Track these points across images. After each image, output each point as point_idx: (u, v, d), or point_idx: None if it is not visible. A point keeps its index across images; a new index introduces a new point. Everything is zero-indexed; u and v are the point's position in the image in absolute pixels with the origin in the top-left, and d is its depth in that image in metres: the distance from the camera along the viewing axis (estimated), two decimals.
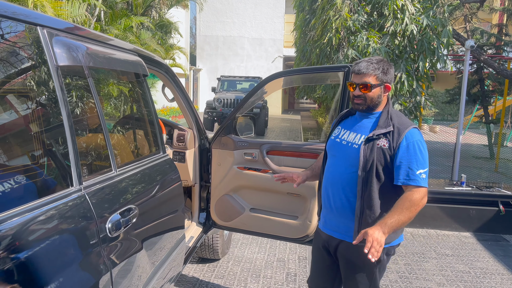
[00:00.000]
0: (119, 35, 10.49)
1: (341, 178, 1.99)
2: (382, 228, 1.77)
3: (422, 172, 1.85)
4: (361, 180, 1.90)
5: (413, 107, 6.34)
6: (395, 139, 1.87)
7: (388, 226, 1.78)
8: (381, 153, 1.88)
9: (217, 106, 13.62)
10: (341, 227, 2.02)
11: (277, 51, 24.34)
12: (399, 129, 1.89)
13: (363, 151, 1.89)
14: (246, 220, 3.12)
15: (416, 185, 1.84)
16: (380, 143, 1.89)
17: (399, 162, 1.86)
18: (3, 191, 1.19)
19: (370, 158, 1.88)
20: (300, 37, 11.85)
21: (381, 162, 1.88)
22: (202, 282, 3.48)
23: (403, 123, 1.91)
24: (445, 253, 4.31)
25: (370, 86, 1.91)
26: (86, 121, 1.72)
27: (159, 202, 2.14)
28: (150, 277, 1.93)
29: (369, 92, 1.92)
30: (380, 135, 1.90)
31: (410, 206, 1.81)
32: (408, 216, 1.81)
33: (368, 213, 1.90)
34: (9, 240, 1.13)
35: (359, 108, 1.98)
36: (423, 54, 6.14)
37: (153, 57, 2.63)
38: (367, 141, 1.91)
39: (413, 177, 1.84)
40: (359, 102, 1.96)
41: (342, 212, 2.00)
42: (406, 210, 1.80)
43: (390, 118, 1.93)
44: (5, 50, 1.30)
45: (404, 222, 1.82)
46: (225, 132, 3.19)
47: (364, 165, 1.89)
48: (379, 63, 1.94)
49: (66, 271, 1.30)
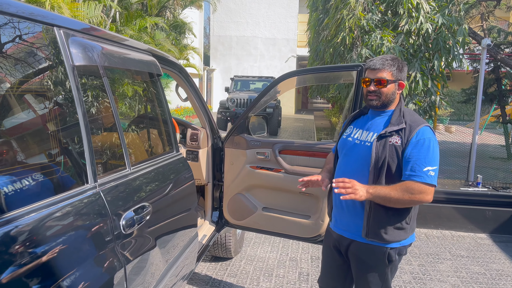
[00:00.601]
0: (134, 36, 10.61)
1: (353, 176, 1.97)
2: (369, 189, 1.82)
3: (430, 169, 1.83)
4: (372, 177, 1.90)
5: (427, 107, 6.27)
6: (407, 136, 1.87)
7: (374, 191, 1.82)
8: (393, 150, 1.88)
9: (231, 106, 13.66)
10: (352, 226, 2.02)
11: (291, 51, 24.29)
12: (411, 126, 1.88)
13: (375, 148, 1.89)
14: (258, 219, 3.13)
15: (420, 181, 1.82)
16: (392, 140, 1.88)
17: (408, 157, 1.86)
18: (21, 187, 1.22)
19: (382, 155, 1.88)
20: (313, 37, 11.82)
21: (393, 159, 1.88)
22: (215, 281, 3.50)
23: (415, 121, 1.91)
24: (460, 254, 4.25)
25: (386, 82, 1.91)
26: (101, 120, 1.75)
27: (172, 200, 2.17)
28: (163, 274, 1.96)
29: (384, 88, 1.92)
30: (392, 132, 1.89)
31: (406, 190, 1.81)
32: (399, 196, 1.81)
33: (376, 209, 1.90)
34: (26, 235, 1.16)
35: (373, 105, 1.97)
36: (438, 53, 6.06)
37: (167, 57, 2.66)
38: (379, 138, 1.90)
39: (420, 173, 1.82)
40: (373, 98, 1.95)
41: (353, 211, 2.00)
42: (401, 190, 1.81)
43: (402, 115, 1.92)
44: (23, 50, 1.34)
45: (390, 200, 1.83)
46: (238, 131, 3.21)
47: (376, 162, 1.89)
48: (394, 60, 1.95)
49: (81, 266, 1.32)
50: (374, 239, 1.93)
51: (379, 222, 1.91)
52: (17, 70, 1.31)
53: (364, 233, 1.95)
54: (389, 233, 1.91)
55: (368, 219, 1.93)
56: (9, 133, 1.27)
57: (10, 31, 1.28)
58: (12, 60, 1.28)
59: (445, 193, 5.11)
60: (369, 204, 1.91)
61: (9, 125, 1.27)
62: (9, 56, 1.28)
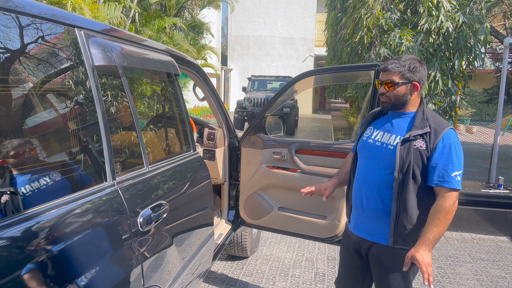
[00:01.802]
0: (152, 36, 10.73)
1: (375, 179, 1.96)
2: (427, 246, 1.80)
3: (457, 174, 1.81)
4: (397, 183, 1.87)
5: (447, 107, 6.16)
6: (432, 140, 1.84)
7: (431, 242, 1.81)
8: (418, 154, 1.85)
9: (248, 106, 13.68)
10: (374, 229, 1.99)
11: (308, 51, 24.19)
12: (436, 130, 1.85)
13: (400, 152, 1.86)
14: (274, 219, 3.13)
15: (450, 187, 1.80)
16: (417, 144, 1.85)
17: (435, 163, 1.83)
18: (42, 185, 1.25)
19: (407, 159, 1.85)
20: (331, 36, 11.75)
21: (418, 164, 1.85)
22: (230, 279, 3.52)
23: (439, 124, 1.87)
24: (480, 257, 4.17)
25: (394, 84, 1.90)
26: (120, 119, 1.78)
27: (189, 198, 2.19)
28: (180, 272, 1.98)
29: (393, 90, 1.90)
30: (417, 136, 1.86)
31: (445, 214, 1.80)
32: (446, 224, 1.81)
33: (404, 216, 1.87)
34: (47, 231, 1.19)
35: (384, 107, 1.97)
36: (459, 52, 5.96)
37: (185, 57, 2.68)
38: (403, 142, 1.87)
39: (448, 179, 1.81)
40: (384, 100, 1.95)
41: (375, 214, 1.97)
42: (443, 219, 1.80)
43: (426, 118, 1.89)
44: (45, 50, 1.37)
45: (444, 232, 1.83)
46: (255, 131, 3.21)
47: (401, 167, 1.85)
48: (407, 60, 1.91)
49: (100, 262, 1.35)
50: (402, 246, 1.91)
51: (408, 229, 1.89)
52: (39, 70, 1.34)
53: (391, 241, 1.92)
54: (417, 238, 1.88)
55: (395, 226, 1.90)
56: (31, 132, 1.31)
57: (33, 32, 1.32)
58: (35, 60, 1.32)
59: (465, 195, 5.02)
60: (396, 211, 1.88)
61: (32, 124, 1.31)
62: (32, 56, 1.31)
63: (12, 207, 1.15)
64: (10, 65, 1.23)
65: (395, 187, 1.87)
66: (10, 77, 1.23)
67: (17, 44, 1.25)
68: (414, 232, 1.88)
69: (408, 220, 1.87)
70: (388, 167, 1.91)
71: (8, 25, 1.21)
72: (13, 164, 1.18)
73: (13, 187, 1.17)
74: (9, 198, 1.15)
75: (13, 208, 1.15)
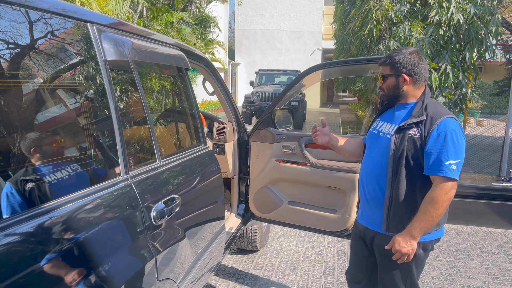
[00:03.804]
0: (160, 31, 10.74)
1: (374, 168, 2.00)
2: (410, 233, 1.81)
3: (453, 163, 1.78)
4: (391, 170, 1.89)
5: (458, 100, 6.10)
6: (427, 128, 1.84)
7: (417, 229, 1.81)
8: (412, 142, 1.86)
9: (255, 100, 13.67)
10: (376, 218, 2.01)
11: (316, 44, 24.05)
12: (432, 118, 1.85)
13: (394, 141, 1.90)
14: (284, 213, 3.14)
15: (443, 175, 1.78)
16: (412, 133, 1.87)
17: (429, 151, 1.82)
18: (57, 179, 1.27)
19: (400, 147, 1.87)
20: (339, 29, 11.65)
21: (411, 152, 1.86)
22: (241, 273, 3.54)
23: (438, 113, 1.87)
24: (491, 251, 4.14)
25: (383, 77, 1.99)
26: (132, 114, 1.79)
27: (200, 192, 2.20)
28: (192, 265, 1.99)
29: (384, 83, 1.99)
30: (411, 124, 1.88)
31: (434, 204, 1.78)
32: (435, 214, 1.79)
33: (396, 203, 1.89)
34: (62, 224, 1.20)
35: (383, 99, 2.07)
36: (469, 44, 5.88)
37: (194, 51, 2.68)
38: (398, 131, 1.90)
39: (441, 168, 1.78)
40: (382, 93, 2.05)
41: (376, 202, 1.99)
42: (432, 208, 1.79)
43: (424, 108, 1.90)
44: (58, 46, 1.38)
45: (433, 220, 1.81)
46: (264, 125, 3.21)
47: (394, 154, 1.88)
48: (395, 53, 1.96)
49: (114, 256, 1.37)
50: (394, 233, 1.91)
51: (399, 217, 1.90)
52: (52, 65, 1.35)
53: (384, 227, 1.95)
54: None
55: (388, 213, 1.92)
56: (45, 127, 1.32)
57: (45, 27, 1.32)
58: (48, 55, 1.33)
59: (476, 188, 4.98)
60: (389, 197, 1.90)
61: (45, 119, 1.32)
62: (45, 51, 1.32)
63: (29, 201, 1.16)
64: (23, 61, 1.23)
65: (388, 175, 1.90)
66: (25, 73, 1.24)
67: (31, 40, 1.26)
68: (405, 220, 1.88)
69: (400, 208, 1.88)
70: (385, 156, 1.94)
71: (21, 20, 1.22)
72: (28, 159, 1.19)
73: (29, 182, 1.18)
74: (27, 192, 1.16)
75: (30, 202, 1.16)
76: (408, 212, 1.87)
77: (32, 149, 1.20)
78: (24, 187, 1.16)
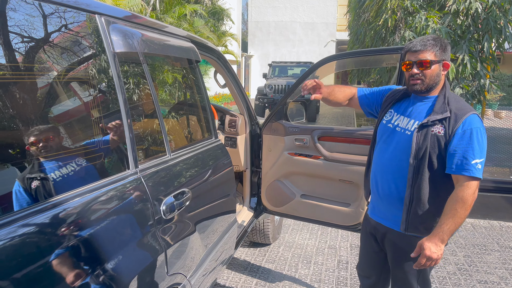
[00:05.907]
0: (173, 23, 10.73)
1: (391, 165, 1.91)
2: (440, 237, 1.72)
3: (478, 162, 1.71)
4: (412, 169, 1.81)
5: (476, 91, 5.96)
6: (451, 126, 1.75)
7: (446, 233, 1.72)
8: (436, 140, 1.77)
9: (268, 93, 13.60)
10: (389, 215, 1.96)
11: (330, 35, 23.79)
12: (456, 115, 1.75)
13: (416, 138, 1.79)
14: (296, 206, 3.11)
15: (469, 175, 1.70)
16: (435, 130, 1.77)
17: (454, 150, 1.74)
18: (67, 173, 1.26)
19: (423, 145, 1.77)
20: (353, 20, 11.49)
21: (434, 150, 1.77)
22: (253, 266, 3.53)
23: (461, 109, 1.77)
24: (509, 245, 4.05)
25: (429, 63, 1.78)
26: (142, 107, 1.77)
27: (211, 186, 2.18)
28: (203, 259, 1.98)
29: (428, 69, 1.79)
30: (435, 121, 1.78)
31: (463, 205, 1.70)
32: (464, 215, 1.71)
33: (417, 203, 1.82)
34: (73, 218, 1.20)
35: (417, 89, 1.84)
36: (488, 34, 5.72)
37: (206, 43, 2.65)
38: (420, 128, 1.80)
39: (467, 167, 1.70)
40: (416, 82, 1.82)
41: (389, 199, 1.93)
42: (460, 209, 1.70)
43: (447, 103, 1.79)
44: (66, 38, 1.36)
45: (461, 223, 1.74)
46: (276, 118, 3.17)
47: (416, 153, 1.79)
48: (436, 39, 1.82)
49: (124, 250, 1.36)
50: (414, 233, 1.86)
51: (421, 217, 1.83)
52: (60, 58, 1.34)
53: (403, 227, 1.87)
54: (430, 227, 1.82)
55: (408, 213, 1.85)
56: (54, 120, 1.31)
57: (53, 19, 1.31)
58: (56, 47, 1.31)
59: (493, 182, 4.86)
60: (409, 197, 1.83)
61: (54, 112, 1.31)
62: (53, 43, 1.31)
63: (39, 193, 1.16)
64: (31, 53, 1.22)
65: (409, 174, 1.81)
66: (32, 65, 1.23)
67: (38, 32, 1.24)
68: (426, 220, 1.82)
69: (421, 208, 1.81)
70: (404, 153, 1.85)
71: (28, 12, 1.20)
72: (38, 152, 1.18)
73: (40, 175, 1.17)
74: (37, 184, 1.15)
75: (40, 195, 1.16)
76: (428, 212, 1.81)
77: (42, 142, 1.19)
78: (31, 183, 1.15)
